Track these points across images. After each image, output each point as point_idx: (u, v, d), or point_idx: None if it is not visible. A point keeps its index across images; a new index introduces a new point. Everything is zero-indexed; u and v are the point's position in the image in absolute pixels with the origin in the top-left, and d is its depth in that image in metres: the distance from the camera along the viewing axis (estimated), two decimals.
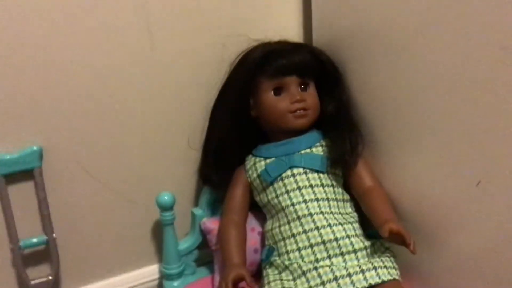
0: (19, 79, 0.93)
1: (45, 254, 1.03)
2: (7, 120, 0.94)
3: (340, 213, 0.95)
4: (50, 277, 1.03)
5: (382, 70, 0.92)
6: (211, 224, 1.07)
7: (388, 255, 0.91)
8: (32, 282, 1.01)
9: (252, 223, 1.06)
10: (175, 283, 1.10)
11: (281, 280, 0.90)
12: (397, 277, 0.87)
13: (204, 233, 1.09)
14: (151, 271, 1.17)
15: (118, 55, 1.00)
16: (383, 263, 0.88)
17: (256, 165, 1.02)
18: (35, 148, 0.97)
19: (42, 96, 0.96)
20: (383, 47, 0.91)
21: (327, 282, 0.86)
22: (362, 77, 0.98)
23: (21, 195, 0.99)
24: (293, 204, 0.95)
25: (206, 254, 1.13)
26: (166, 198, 1.04)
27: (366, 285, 0.84)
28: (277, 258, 0.94)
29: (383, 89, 0.93)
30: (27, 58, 0.93)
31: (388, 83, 0.92)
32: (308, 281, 0.87)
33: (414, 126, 0.89)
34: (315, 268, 0.88)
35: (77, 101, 0.99)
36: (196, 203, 1.15)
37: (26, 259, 1.02)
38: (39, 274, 1.03)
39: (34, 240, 1.00)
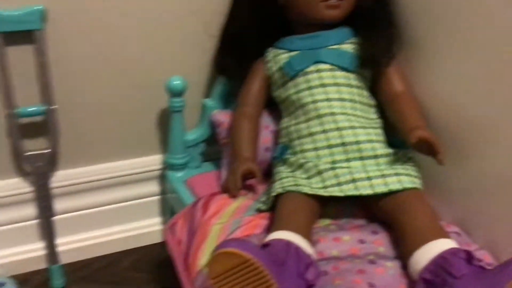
0: None
1: (44, 125, 0.97)
2: None
3: (364, 117, 0.89)
4: (47, 150, 0.97)
5: None
6: (222, 116, 1.01)
7: (411, 163, 0.85)
8: (28, 153, 0.96)
9: (266, 120, 1.00)
10: (179, 174, 1.05)
11: (294, 177, 0.84)
12: (419, 186, 0.82)
13: (214, 126, 1.03)
14: (154, 160, 1.13)
15: None
16: (406, 170, 0.82)
17: (278, 57, 0.94)
18: (37, 7, 0.88)
19: None
20: None
21: (344, 183, 0.81)
22: None
23: (20, 58, 0.91)
24: (314, 101, 0.88)
25: (213, 150, 1.09)
26: (177, 82, 0.97)
27: (386, 190, 0.79)
28: (291, 156, 0.88)
29: None
30: None
31: None
32: (323, 180, 0.82)
33: (462, 31, 0.80)
34: (332, 169, 0.83)
35: None
36: (208, 95, 1.08)
37: (23, 128, 0.96)
38: (36, 146, 0.98)
39: (32, 109, 0.94)
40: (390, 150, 0.86)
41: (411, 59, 0.91)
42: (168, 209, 1.12)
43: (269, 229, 0.79)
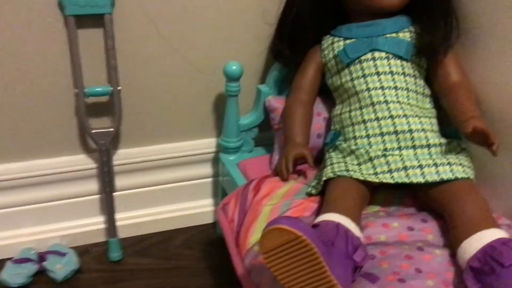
0: None
1: (109, 105, 1.03)
2: None
3: (418, 106, 0.89)
4: (111, 129, 1.03)
5: None
6: (276, 102, 1.03)
7: (465, 154, 0.85)
8: (93, 131, 1.02)
9: (319, 107, 1.01)
10: (232, 157, 1.09)
11: (345, 163, 0.86)
12: (472, 177, 0.81)
13: (267, 111, 1.06)
14: (209, 143, 1.17)
15: None
16: (459, 160, 0.82)
17: (334, 44, 0.95)
18: None
19: None
20: None
21: (395, 170, 0.82)
22: None
23: (90, 41, 0.97)
24: (368, 89, 0.88)
25: (266, 135, 1.11)
26: (234, 67, 1.00)
27: (438, 179, 0.79)
28: (343, 142, 0.90)
29: None
30: None
31: None
32: (374, 167, 0.83)
33: None
34: (384, 156, 0.83)
35: None
36: (263, 81, 1.11)
37: (90, 107, 1.02)
38: (101, 124, 1.04)
39: (99, 89, 0.99)
40: (443, 140, 0.86)
41: (468, 49, 0.90)
42: (220, 191, 1.15)
43: (318, 212, 0.80)
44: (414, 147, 0.84)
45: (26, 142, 1.02)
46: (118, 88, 1.00)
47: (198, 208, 1.21)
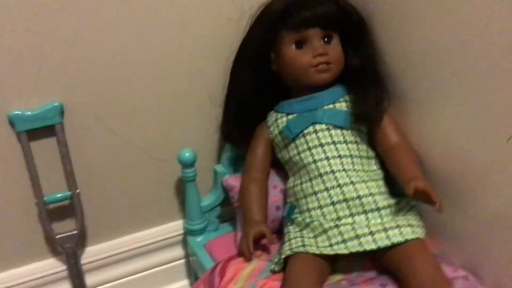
0: (39, 37, 0.92)
1: (70, 209, 1.05)
2: (27, 77, 0.94)
3: (364, 170, 0.92)
4: (75, 231, 1.05)
5: (412, 22, 0.87)
6: (233, 181, 1.07)
7: (413, 213, 0.88)
8: (58, 236, 1.04)
9: (275, 180, 1.04)
10: (198, 239, 1.11)
11: (302, 237, 0.89)
12: (421, 236, 0.84)
13: (226, 190, 1.09)
14: (176, 226, 1.18)
15: (137, 11, 0.98)
16: (408, 221, 0.85)
17: (278, 121, 0.99)
18: (55, 104, 0.97)
19: (61, 52, 0.95)
20: None
21: (348, 240, 0.84)
22: (390, 29, 0.93)
23: (44, 151, 1.00)
24: (315, 161, 0.92)
25: (229, 211, 1.14)
26: (187, 154, 1.04)
27: (389, 243, 0.82)
28: (298, 215, 0.93)
29: (412, 42, 0.88)
30: (48, 17, 0.92)
31: (418, 36, 0.86)
32: (329, 239, 0.86)
33: (444, 80, 0.84)
34: (337, 226, 0.86)
35: (97, 58, 0.98)
36: (218, 160, 1.14)
37: (51, 213, 1.04)
38: (65, 228, 1.05)
39: (58, 195, 1.02)
40: (392, 201, 0.89)
41: (402, 109, 0.94)
42: (193, 272, 1.17)
43: None
44: (365, 212, 0.87)
45: None
46: (77, 191, 1.03)
47: None
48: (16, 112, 0.94)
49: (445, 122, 0.87)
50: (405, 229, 0.84)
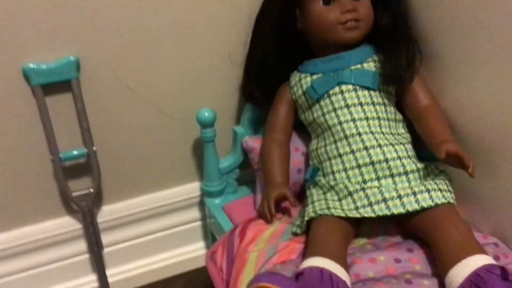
0: None
1: (86, 167, 1.03)
2: (43, 30, 0.91)
3: (391, 133, 0.89)
4: (91, 190, 1.03)
5: None
6: (253, 142, 1.04)
7: (443, 177, 0.85)
8: (74, 194, 1.02)
9: (296, 142, 1.02)
10: (216, 201, 1.09)
11: (326, 200, 0.86)
12: (451, 200, 0.81)
13: (246, 152, 1.06)
14: (193, 188, 1.16)
15: None
16: (437, 185, 0.82)
17: (301, 81, 0.95)
18: (71, 58, 0.94)
19: (78, 5, 0.91)
20: None
21: (375, 203, 0.82)
22: None
23: (59, 106, 0.97)
24: (340, 123, 0.89)
25: (248, 173, 1.11)
26: (206, 114, 1.01)
27: (418, 207, 0.79)
28: (322, 178, 0.90)
29: (445, 2, 0.83)
30: None
31: None
32: (354, 202, 0.83)
33: (478, 42, 0.80)
34: (363, 189, 0.84)
35: (113, 12, 0.94)
36: (238, 121, 1.11)
37: (67, 171, 1.02)
38: (81, 186, 1.04)
39: (75, 152, 1.00)
40: (420, 165, 0.86)
41: (434, 71, 0.91)
42: (210, 234, 1.15)
43: (305, 253, 0.81)
44: (392, 175, 0.84)
45: (9, 212, 1.02)
46: (94, 149, 1.00)
47: (191, 253, 1.20)
48: (31, 65, 0.91)
49: (478, 85, 0.83)
50: (435, 193, 0.81)
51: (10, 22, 0.88)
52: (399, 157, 0.85)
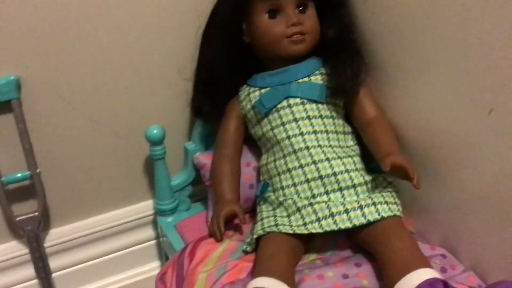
0: None
1: (31, 189, 0.99)
2: None
3: (340, 146, 0.89)
4: (36, 213, 1.00)
5: None
6: (205, 158, 1.02)
7: (390, 190, 0.85)
8: (18, 218, 0.99)
9: (248, 157, 1.00)
10: (169, 219, 1.07)
11: (275, 216, 0.85)
12: (398, 213, 0.82)
13: (197, 168, 1.04)
14: (146, 206, 1.14)
15: None
16: (384, 198, 0.82)
17: (250, 95, 0.95)
18: (11, 77, 0.91)
19: (18, 24, 0.89)
20: None
21: (322, 218, 0.81)
22: None
23: (1, 128, 0.93)
24: (289, 137, 0.88)
25: (201, 190, 1.10)
26: (155, 131, 0.99)
27: (365, 221, 0.79)
28: (271, 193, 0.89)
29: (390, 10, 0.84)
30: None
31: (395, 5, 0.82)
32: (303, 217, 0.82)
33: (423, 50, 0.80)
34: (311, 204, 0.83)
35: (56, 29, 0.92)
36: (189, 137, 1.09)
37: (10, 195, 0.99)
38: (26, 210, 1.00)
39: (18, 175, 0.96)
40: (368, 177, 0.86)
41: (379, 82, 0.91)
42: (163, 253, 1.13)
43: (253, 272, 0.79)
44: (340, 189, 0.84)
45: None
46: (37, 170, 0.97)
47: (146, 273, 1.17)
48: None
49: (423, 95, 0.83)
50: (381, 206, 0.81)
51: None
52: (347, 170, 0.85)
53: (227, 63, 0.97)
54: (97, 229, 1.09)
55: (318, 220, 0.81)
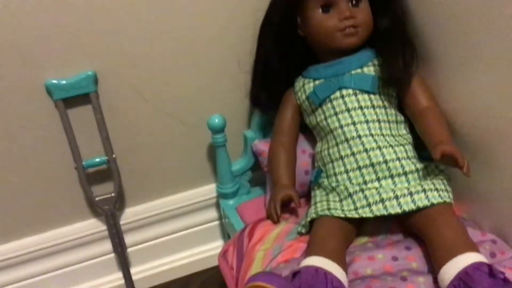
0: (72, 5, 0.95)
1: (108, 173, 1.10)
2: (62, 47, 0.98)
3: (392, 135, 0.92)
4: (113, 194, 1.11)
5: None
6: (263, 146, 1.08)
7: (441, 177, 0.87)
8: (97, 198, 1.10)
9: (303, 145, 1.06)
10: (230, 202, 1.14)
11: (328, 201, 0.90)
12: (448, 200, 0.84)
13: (256, 155, 1.11)
14: (209, 190, 1.22)
15: None
16: (434, 185, 0.85)
17: (305, 86, 0.99)
18: (89, 73, 1.00)
19: (95, 22, 0.98)
20: None
21: (373, 203, 0.85)
22: None
23: (80, 118, 1.04)
24: (341, 126, 0.92)
25: (260, 175, 1.16)
26: (216, 120, 1.06)
27: (414, 207, 0.82)
28: (325, 179, 0.94)
29: (442, 3, 0.85)
30: None
31: None
32: (354, 202, 0.87)
33: (475, 42, 0.81)
34: (362, 190, 0.87)
35: (129, 25, 1.01)
36: (248, 126, 1.16)
37: (90, 177, 1.10)
38: (103, 191, 1.11)
39: (96, 160, 1.07)
40: (420, 165, 0.89)
41: (434, 73, 0.92)
42: (226, 233, 1.21)
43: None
44: (392, 176, 0.87)
45: (39, 217, 1.11)
46: (113, 156, 1.07)
47: (210, 251, 1.26)
48: (52, 81, 0.98)
49: (476, 85, 0.84)
50: (431, 193, 0.83)
51: (32, 42, 0.95)
52: (398, 158, 0.88)
53: (283, 56, 1.01)
54: (166, 209, 1.19)
55: (369, 205, 0.85)
